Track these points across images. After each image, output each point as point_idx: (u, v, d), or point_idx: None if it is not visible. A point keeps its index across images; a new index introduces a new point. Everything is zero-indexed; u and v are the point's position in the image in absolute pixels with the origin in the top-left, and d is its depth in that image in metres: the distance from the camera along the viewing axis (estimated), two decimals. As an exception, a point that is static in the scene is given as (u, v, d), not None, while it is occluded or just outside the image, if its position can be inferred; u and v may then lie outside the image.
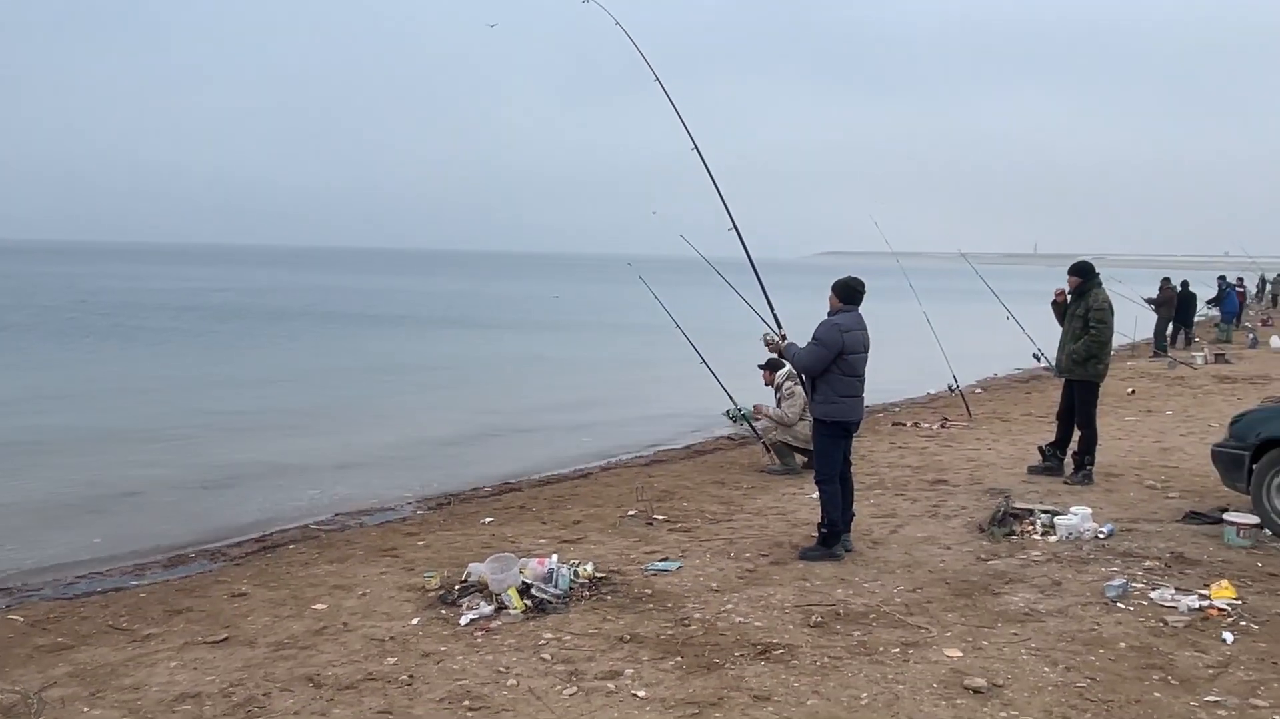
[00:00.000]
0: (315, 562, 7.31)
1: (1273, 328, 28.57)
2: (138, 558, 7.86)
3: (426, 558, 7.16)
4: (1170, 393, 16.00)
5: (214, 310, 38.68)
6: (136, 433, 13.37)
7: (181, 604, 6.31)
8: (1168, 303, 23.48)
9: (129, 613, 6.17)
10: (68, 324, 30.31)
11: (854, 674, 4.75)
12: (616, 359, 24.14)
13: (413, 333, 31.87)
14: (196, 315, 36.00)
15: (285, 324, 33.50)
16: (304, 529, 8.69)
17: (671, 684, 4.68)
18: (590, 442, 13.27)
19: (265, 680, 4.89)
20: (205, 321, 33.58)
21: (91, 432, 13.36)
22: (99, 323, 31.15)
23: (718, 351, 12.06)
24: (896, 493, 8.94)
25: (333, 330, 31.86)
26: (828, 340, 6.75)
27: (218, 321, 33.77)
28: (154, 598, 6.54)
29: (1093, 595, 5.85)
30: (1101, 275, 9.56)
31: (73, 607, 6.41)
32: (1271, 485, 7.05)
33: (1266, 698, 4.44)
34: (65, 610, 6.30)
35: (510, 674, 4.84)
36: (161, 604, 6.34)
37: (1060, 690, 4.53)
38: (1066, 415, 9.42)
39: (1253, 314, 33.42)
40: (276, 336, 28.94)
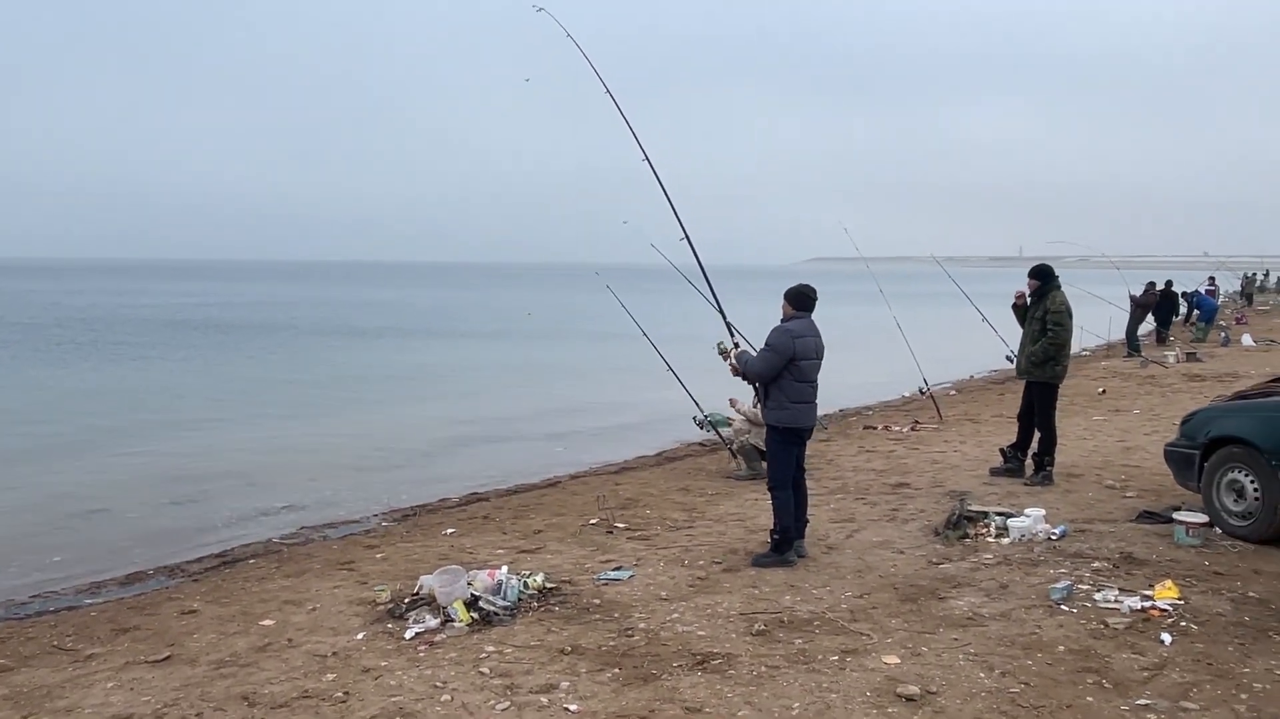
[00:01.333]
0: (271, 576, 7.23)
1: (1246, 325, 28.63)
2: (96, 576, 7.75)
3: (382, 571, 7.08)
4: (1140, 392, 15.99)
5: (194, 325, 38.48)
6: (106, 447, 13.28)
7: (130, 623, 6.22)
8: (1147, 306, 23.53)
9: (75, 632, 6.09)
10: (47, 340, 30.13)
11: (789, 683, 4.67)
12: (590, 368, 24.05)
13: (387, 345, 31.72)
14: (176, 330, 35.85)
15: (263, 338, 33.29)
16: (266, 543, 8.60)
17: (606, 697, 4.60)
18: (562, 451, 13.20)
19: (200, 700, 4.80)
20: (184, 335, 33.42)
21: (59, 447, 13.27)
22: (79, 338, 30.98)
23: (687, 358, 11.98)
24: (858, 497, 8.87)
25: (307, 343, 31.64)
26: (779, 346, 6.69)
27: (199, 335, 33.64)
28: (104, 617, 6.45)
29: (1038, 598, 5.78)
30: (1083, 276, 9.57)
31: (21, 627, 6.33)
32: (1221, 484, 7.01)
33: (1198, 700, 4.37)
34: (12, 631, 6.21)
35: (446, 689, 4.76)
36: (110, 623, 6.26)
37: (993, 697, 4.46)
38: (1027, 417, 9.37)
39: (1228, 312, 33.47)
40: (254, 350, 28.76)
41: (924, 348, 15.57)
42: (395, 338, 34.53)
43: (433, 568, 6.63)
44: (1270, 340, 24.53)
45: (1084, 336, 21.10)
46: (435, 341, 33.13)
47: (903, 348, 15.22)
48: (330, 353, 28.24)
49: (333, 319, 44.02)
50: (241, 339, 32.50)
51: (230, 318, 43.24)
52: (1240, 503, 6.86)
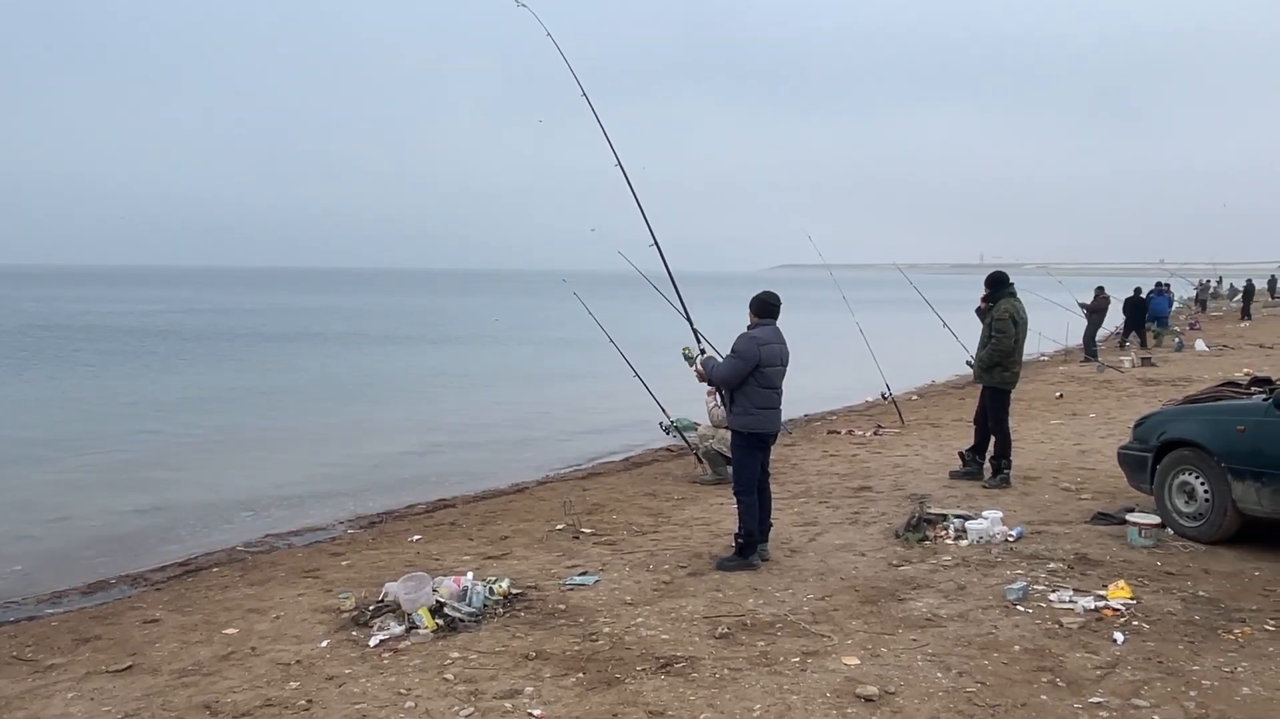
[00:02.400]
0: (235, 584, 7.15)
1: (1200, 331, 29.12)
2: (57, 585, 7.62)
3: (347, 578, 7.02)
4: (1096, 396, 16.21)
5: (155, 332, 37.99)
6: (69, 456, 13.09)
7: (92, 632, 6.12)
8: (1100, 310, 23.86)
9: (36, 642, 5.98)
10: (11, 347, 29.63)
11: (751, 685, 4.68)
12: (557, 374, 24.04)
13: (356, 351, 31.57)
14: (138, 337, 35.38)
15: (227, 345, 32.95)
16: (230, 552, 8.49)
17: (569, 702, 4.59)
18: (531, 456, 13.17)
19: (162, 710, 4.73)
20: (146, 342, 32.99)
21: (21, 454, 13.03)
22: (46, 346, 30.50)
23: (654, 364, 11.99)
24: (821, 501, 8.92)
25: (272, 350, 31.36)
26: (745, 353, 6.71)
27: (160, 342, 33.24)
28: (65, 626, 6.35)
29: (994, 599, 5.84)
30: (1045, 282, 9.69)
31: (-19, 638, 6.21)
32: (1172, 486, 7.12)
33: (1148, 698, 4.43)
34: (-28, 642, 6.09)
35: (410, 696, 4.72)
36: (72, 633, 6.15)
37: (950, 696, 4.50)
38: (982, 420, 9.48)
39: (1182, 318, 34.00)
40: (222, 357, 28.48)
41: (887, 353, 15.69)
42: (362, 344, 34.33)
43: (398, 575, 6.57)
44: (1223, 345, 24.97)
45: (1041, 342, 21.39)
46: (402, 347, 32.98)
47: (866, 354, 15.32)
48: (295, 359, 28.01)
49: (297, 325, 43.65)
50: (205, 346, 32.17)
51: (194, 324, 42.78)
52: (1191, 504, 6.98)
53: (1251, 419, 6.63)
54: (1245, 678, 4.63)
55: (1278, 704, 4.36)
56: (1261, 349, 23.85)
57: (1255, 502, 6.51)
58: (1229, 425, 6.75)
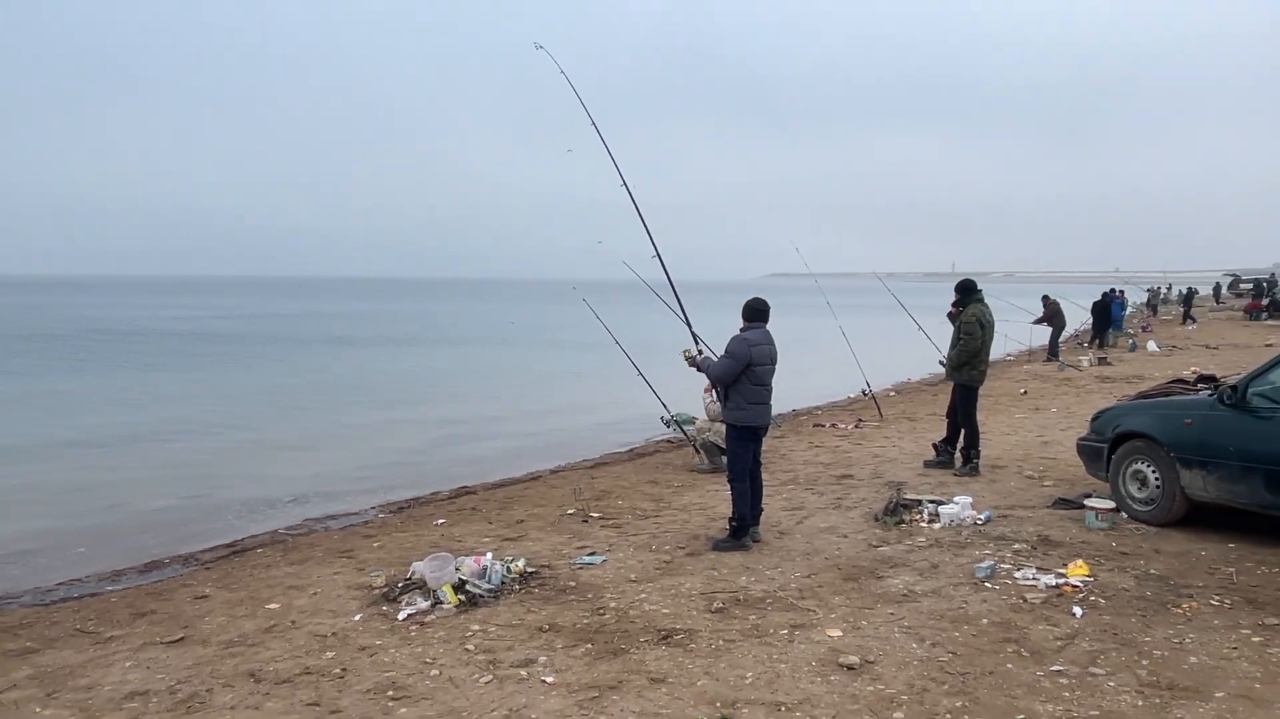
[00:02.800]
0: (277, 564, 7.15)
1: (1151, 333, 29.06)
2: (116, 564, 7.61)
3: (378, 558, 7.02)
4: (1057, 392, 16.17)
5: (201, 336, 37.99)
6: (126, 447, 13.09)
7: (147, 607, 6.12)
8: (1054, 315, 23.82)
9: (97, 617, 5.98)
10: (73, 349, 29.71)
11: (743, 655, 4.69)
12: (567, 372, 24.00)
13: (384, 352, 31.51)
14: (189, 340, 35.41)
15: (267, 347, 32.91)
16: (273, 534, 8.49)
17: (579, 669, 4.59)
18: (544, 447, 13.14)
19: (211, 677, 4.74)
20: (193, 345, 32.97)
21: (82, 447, 13.05)
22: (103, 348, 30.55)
23: (655, 364, 11.99)
24: (807, 488, 8.91)
25: (307, 352, 31.35)
26: (737, 354, 6.72)
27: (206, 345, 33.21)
28: (124, 602, 6.34)
29: (964, 577, 5.84)
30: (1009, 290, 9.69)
31: (46, 613, 6.20)
32: (1126, 474, 7.11)
33: (1104, 666, 4.43)
34: (39, 617, 6.08)
35: (435, 665, 4.73)
36: (129, 608, 6.15)
37: (924, 664, 4.50)
38: (953, 415, 9.47)
39: (1135, 322, 33.93)
40: (259, 359, 28.42)
41: (866, 354, 15.66)
42: (389, 346, 34.29)
43: (424, 555, 6.58)
44: (1172, 346, 24.92)
45: (1007, 344, 21.33)
46: (426, 349, 32.94)
47: (848, 354, 15.30)
48: (326, 360, 27.99)
49: (328, 329, 43.59)
50: (246, 348, 32.11)
51: (236, 329, 42.70)
52: (1143, 490, 6.97)
53: (1198, 413, 6.62)
54: (1193, 648, 4.63)
55: (1222, 672, 4.36)
56: (1207, 349, 23.78)
57: (1201, 488, 6.51)
58: (1178, 419, 6.75)
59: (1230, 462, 6.27)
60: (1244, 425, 6.24)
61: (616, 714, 4.08)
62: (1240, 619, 5.00)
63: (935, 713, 4.00)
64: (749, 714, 4.04)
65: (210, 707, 4.38)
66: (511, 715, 4.11)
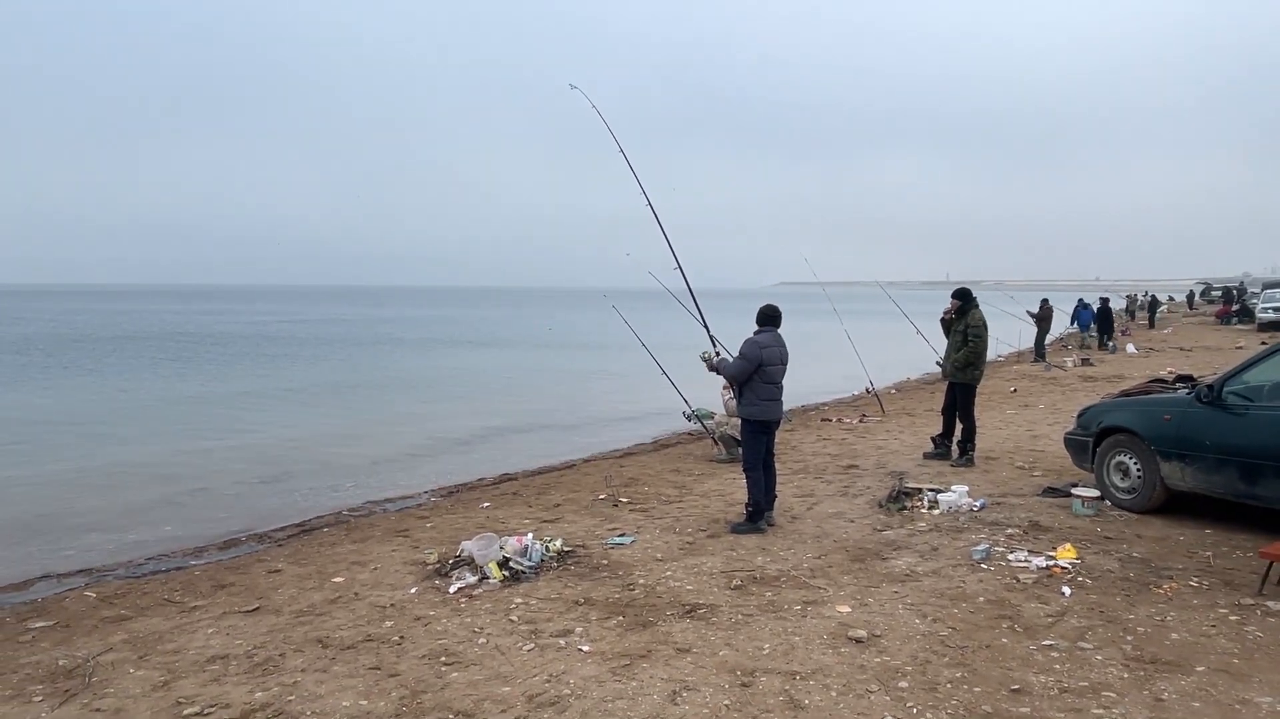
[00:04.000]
0: (341, 542, 7.18)
1: (1130, 337, 28.58)
2: (199, 542, 7.70)
3: (431, 537, 7.04)
4: (1044, 390, 15.96)
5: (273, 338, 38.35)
6: (207, 439, 13.22)
7: (227, 580, 6.18)
8: (1046, 318, 23.50)
9: (183, 588, 6.04)
10: (159, 352, 30.14)
11: (761, 628, 4.65)
12: (599, 371, 23.96)
13: (434, 352, 31.66)
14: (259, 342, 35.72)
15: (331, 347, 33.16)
16: (337, 515, 8.54)
17: (612, 639, 4.58)
18: (578, 439, 13.13)
19: (283, 643, 4.78)
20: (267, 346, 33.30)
21: (169, 439, 13.22)
22: (183, 350, 30.96)
23: (678, 364, 11.94)
24: (816, 476, 8.84)
25: (369, 351, 31.53)
26: (750, 355, 6.68)
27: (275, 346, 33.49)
28: (206, 575, 6.40)
29: (962, 558, 5.76)
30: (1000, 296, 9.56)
31: (138, 584, 6.27)
32: (1110, 465, 6.99)
33: (1092, 641, 4.35)
34: (132, 588, 6.16)
35: (483, 634, 4.74)
36: (211, 580, 6.21)
37: (927, 639, 4.44)
38: (950, 411, 9.36)
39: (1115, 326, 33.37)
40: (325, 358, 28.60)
41: (869, 355, 15.54)
42: (439, 347, 34.45)
43: (472, 535, 6.60)
44: (1150, 349, 24.51)
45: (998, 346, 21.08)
46: (471, 350, 33.05)
47: (852, 355, 15.19)
48: (381, 359, 28.18)
49: (382, 333, 43.88)
50: (310, 349, 32.38)
51: (306, 333, 43.10)
52: (1126, 480, 6.86)
53: (1176, 410, 6.50)
54: (1174, 625, 4.54)
55: (1202, 648, 4.27)
56: (1182, 351, 23.36)
57: (1180, 478, 6.39)
58: (1157, 415, 6.63)
59: (1207, 454, 6.15)
60: (1219, 421, 6.11)
61: (646, 681, 4.06)
62: (1218, 599, 4.90)
63: (937, 683, 3.95)
64: (767, 682, 4.00)
65: (283, 669, 4.41)
66: (552, 680, 4.10)
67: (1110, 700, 3.75)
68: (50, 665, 4.62)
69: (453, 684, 4.12)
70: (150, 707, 4.05)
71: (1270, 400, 5.93)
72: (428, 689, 4.08)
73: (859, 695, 3.85)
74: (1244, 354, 19.52)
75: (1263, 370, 6.14)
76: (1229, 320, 37.33)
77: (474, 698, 3.96)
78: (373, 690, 4.09)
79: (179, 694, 4.17)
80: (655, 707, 3.79)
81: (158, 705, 4.06)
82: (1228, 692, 3.81)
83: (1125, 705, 3.70)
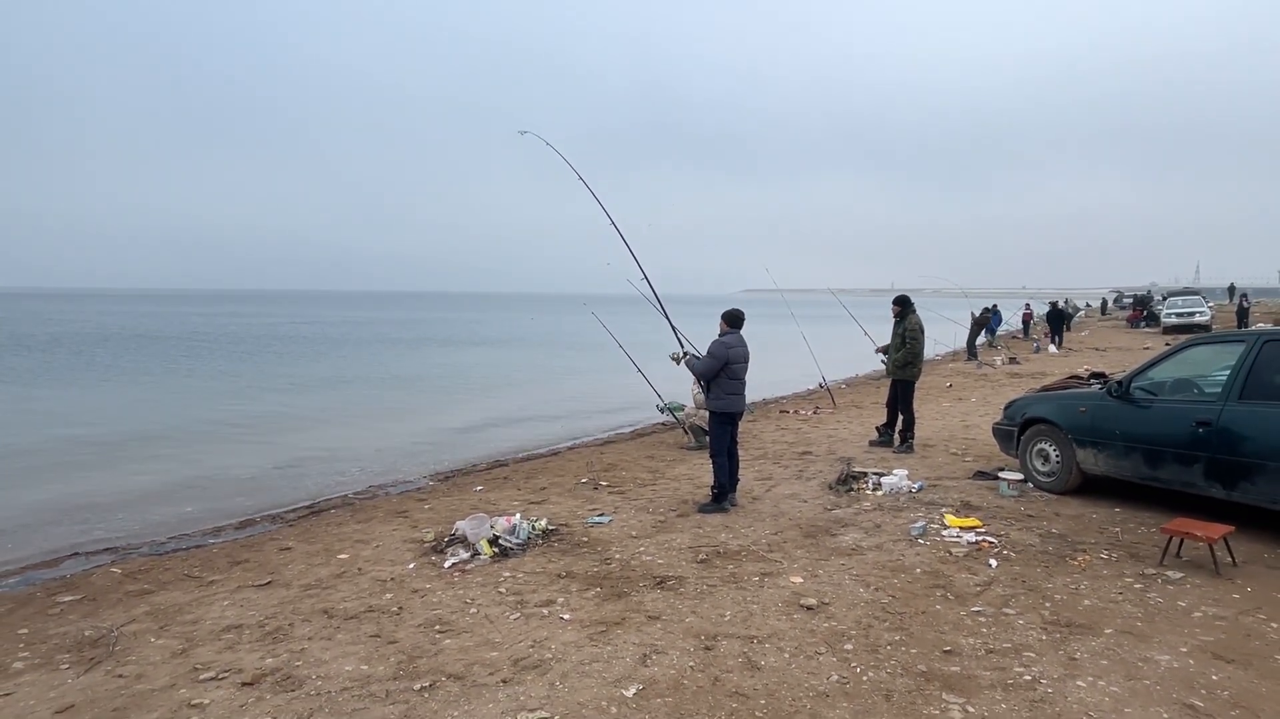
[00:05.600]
0: (346, 522, 7.10)
1: (1049, 339, 28.95)
2: (217, 522, 7.59)
3: (428, 518, 6.98)
4: (976, 386, 16.12)
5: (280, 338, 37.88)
6: (224, 428, 13.04)
7: (242, 556, 6.10)
8: (982, 323, 23.79)
9: (201, 564, 5.95)
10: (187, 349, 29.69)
11: (723, 598, 4.66)
12: (580, 369, 23.91)
13: (427, 351, 31.36)
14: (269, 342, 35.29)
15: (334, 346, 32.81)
16: (343, 498, 8.43)
17: (590, 609, 4.57)
18: (562, 429, 13.10)
19: (293, 614, 4.72)
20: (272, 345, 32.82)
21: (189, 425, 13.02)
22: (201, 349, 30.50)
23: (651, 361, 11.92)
24: (774, 462, 8.87)
25: (366, 350, 31.17)
26: (718, 354, 6.68)
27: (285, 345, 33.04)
28: (223, 553, 6.31)
29: (902, 534, 5.81)
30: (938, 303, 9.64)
31: (161, 561, 6.17)
32: (1032, 451, 7.08)
33: (1015, 607, 4.41)
34: (154, 564, 6.06)
35: (474, 605, 4.71)
36: (227, 557, 6.13)
37: (870, 606, 4.47)
38: (892, 405, 9.43)
39: (1038, 330, 33.84)
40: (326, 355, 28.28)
41: (822, 354, 15.62)
42: (429, 346, 34.14)
43: (465, 515, 6.56)
44: (1069, 349, 24.86)
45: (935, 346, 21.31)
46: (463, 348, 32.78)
47: (808, 354, 15.27)
48: (380, 357, 27.90)
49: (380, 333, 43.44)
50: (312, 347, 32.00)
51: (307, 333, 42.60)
52: (1046, 465, 6.94)
53: (1091, 403, 6.59)
54: (1086, 593, 4.61)
55: (1110, 613, 4.33)
56: (1097, 351, 23.71)
57: (1093, 463, 6.48)
58: (1074, 407, 6.72)
59: (1116, 442, 6.24)
60: (1127, 413, 6.21)
61: (620, 645, 4.05)
62: (1125, 570, 4.97)
63: (878, 645, 3.98)
64: (727, 645, 4.01)
65: (292, 637, 4.35)
66: (536, 646, 4.08)
67: (1030, 660, 3.80)
68: (77, 636, 4.53)
69: (446, 650, 4.09)
70: (169, 672, 3.99)
71: (1171, 395, 6.03)
72: (423, 654, 4.04)
73: (809, 657, 3.86)
74: (1149, 354, 19.88)
75: (1165, 369, 6.24)
76: (1138, 324, 37.95)
77: (465, 662, 3.93)
78: (373, 656, 4.05)
79: (196, 661, 4.10)
80: (628, 668, 3.78)
81: (176, 671, 4.00)
82: (1132, 651, 3.88)
83: (1043, 664, 3.75)
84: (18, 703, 3.74)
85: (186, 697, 3.70)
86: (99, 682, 3.92)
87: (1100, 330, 36.65)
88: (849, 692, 3.52)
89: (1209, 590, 4.59)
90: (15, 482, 9.32)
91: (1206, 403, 5.62)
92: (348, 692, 3.68)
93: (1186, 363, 6.18)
